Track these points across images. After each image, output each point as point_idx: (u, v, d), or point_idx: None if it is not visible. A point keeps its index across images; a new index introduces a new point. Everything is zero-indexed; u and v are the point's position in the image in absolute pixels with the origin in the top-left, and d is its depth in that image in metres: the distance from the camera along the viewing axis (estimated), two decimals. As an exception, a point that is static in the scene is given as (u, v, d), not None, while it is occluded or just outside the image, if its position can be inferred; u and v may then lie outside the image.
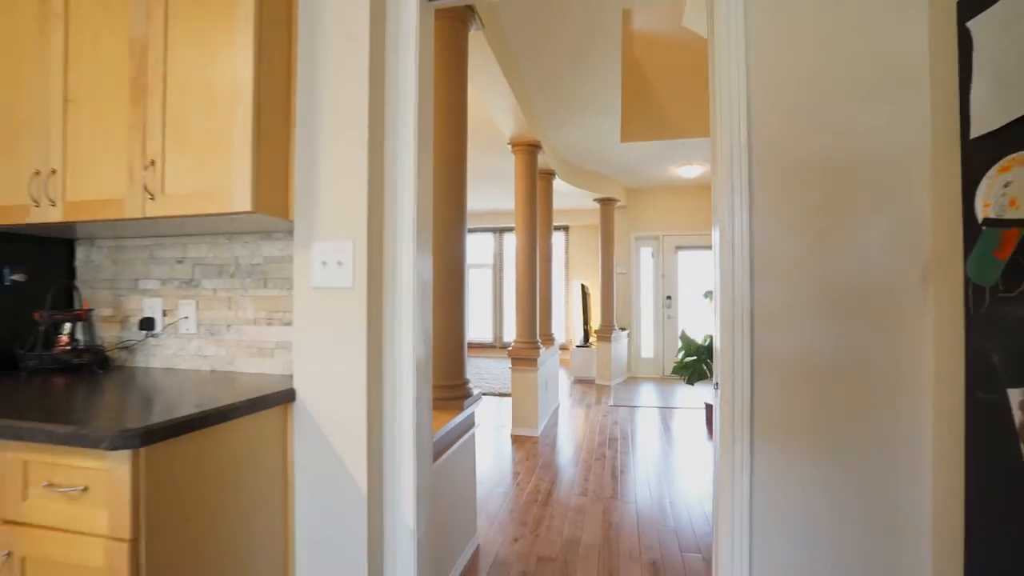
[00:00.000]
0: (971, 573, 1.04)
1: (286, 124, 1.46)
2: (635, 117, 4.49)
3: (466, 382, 2.34)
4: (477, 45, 2.82)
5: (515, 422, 4.44)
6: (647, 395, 6.25)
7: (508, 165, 5.05)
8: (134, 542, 1.01)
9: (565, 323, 9.94)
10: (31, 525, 1.07)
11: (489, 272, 10.61)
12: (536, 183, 4.67)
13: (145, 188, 1.39)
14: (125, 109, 1.42)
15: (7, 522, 1.08)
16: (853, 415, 1.25)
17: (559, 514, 2.82)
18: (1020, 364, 0.92)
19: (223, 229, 1.63)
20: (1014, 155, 0.95)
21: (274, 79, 1.41)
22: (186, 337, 1.77)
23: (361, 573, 1.37)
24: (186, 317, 1.76)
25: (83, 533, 1.03)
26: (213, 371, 1.71)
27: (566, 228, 10.02)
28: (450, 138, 2.43)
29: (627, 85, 4.01)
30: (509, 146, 4.59)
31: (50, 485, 1.06)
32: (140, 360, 1.82)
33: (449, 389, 2.22)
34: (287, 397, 1.43)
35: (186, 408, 1.15)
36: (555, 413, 5.30)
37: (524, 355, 4.37)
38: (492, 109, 3.83)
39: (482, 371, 8.25)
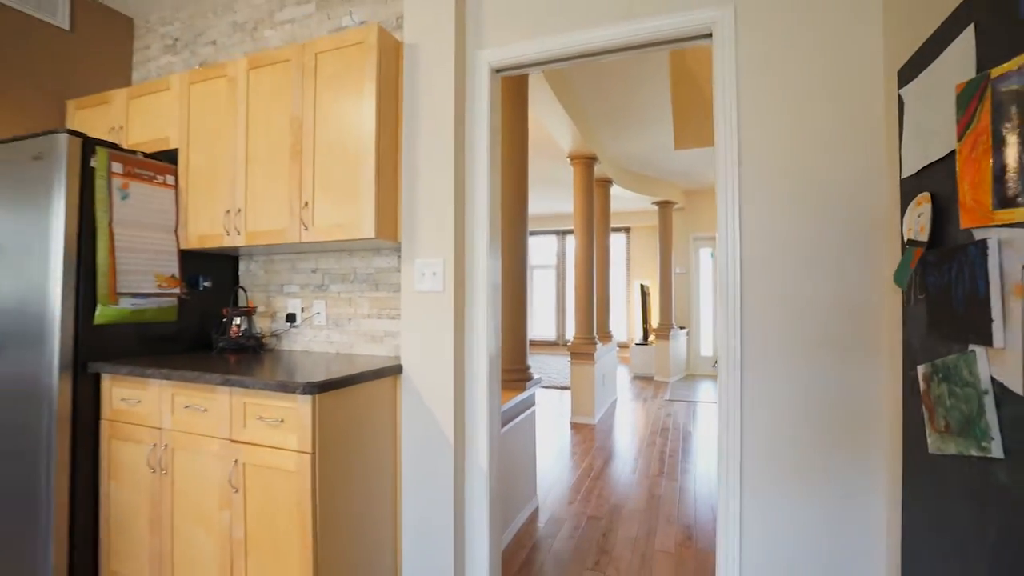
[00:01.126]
0: (906, 534, 1.37)
1: (395, 173, 2.01)
2: (688, 125, 4.76)
3: (527, 368, 2.82)
4: (537, 78, 3.30)
5: (574, 411, 4.87)
6: (704, 391, 6.46)
7: (571, 171, 5.47)
8: (313, 455, 1.58)
9: (626, 321, 10.20)
10: (248, 443, 1.67)
11: (553, 273, 11.06)
12: (593, 191, 5.07)
13: (302, 221, 1.99)
14: (287, 166, 2.03)
15: (235, 441, 1.69)
16: (823, 368, 1.59)
17: (608, 486, 3.24)
18: (924, 346, 1.27)
19: (346, 248, 2.22)
20: (924, 193, 1.29)
21: (387, 140, 1.96)
22: (318, 327, 2.38)
23: (448, 498, 1.90)
24: (318, 313, 2.37)
25: (281, 448, 1.62)
26: (338, 353, 2.30)
27: (627, 229, 10.26)
28: (514, 168, 2.93)
29: (678, 95, 4.30)
30: (568, 159, 5.02)
31: (260, 418, 1.65)
32: (285, 344, 2.46)
33: (514, 372, 2.72)
34: (397, 371, 1.98)
35: (325, 375, 1.72)
36: (613, 405, 5.67)
37: (582, 350, 4.80)
38: (551, 130, 4.29)
39: (546, 366, 8.73)
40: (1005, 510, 0.93)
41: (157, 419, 1.84)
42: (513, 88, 2.98)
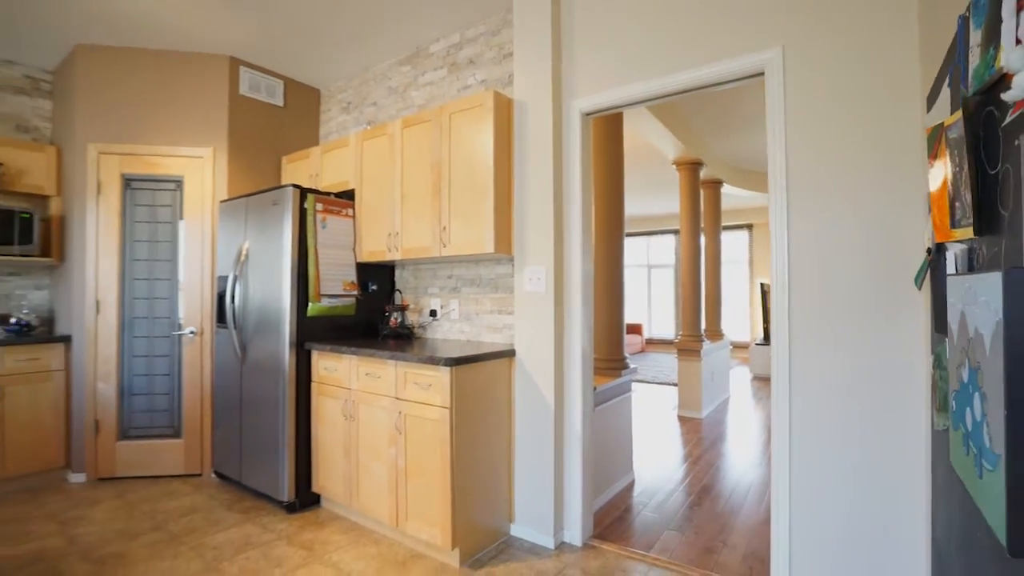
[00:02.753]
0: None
1: (508, 201, 2.60)
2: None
3: (623, 359, 3.25)
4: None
5: (680, 405, 5.12)
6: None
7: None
8: (450, 410, 2.22)
9: (750, 321, 9.85)
10: (407, 400, 2.37)
11: (671, 272, 11.03)
12: (699, 193, 5.25)
13: (441, 241, 2.67)
14: (430, 199, 2.73)
15: (398, 398, 2.40)
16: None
17: (702, 469, 3.52)
18: (932, 338, 1.51)
19: (473, 259, 2.86)
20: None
21: (502, 176, 2.55)
22: (453, 321, 3.07)
23: (549, 451, 2.43)
24: (453, 309, 3.06)
25: (429, 404, 2.28)
26: (468, 340, 2.96)
27: (749, 227, 9.91)
28: (610, 182, 3.37)
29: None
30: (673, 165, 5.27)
31: (415, 383, 2.34)
32: (429, 333, 3.19)
33: (609, 362, 3.17)
34: (511, 354, 2.57)
35: (459, 354, 2.34)
36: (725, 403, 5.76)
37: (688, 347, 5.02)
38: (653, 141, 4.60)
39: (661, 365, 8.86)
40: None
41: (347, 382, 2.65)
42: (609, 117, 3.42)
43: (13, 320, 3.27)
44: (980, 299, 0.86)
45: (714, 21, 2.13)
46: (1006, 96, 0.80)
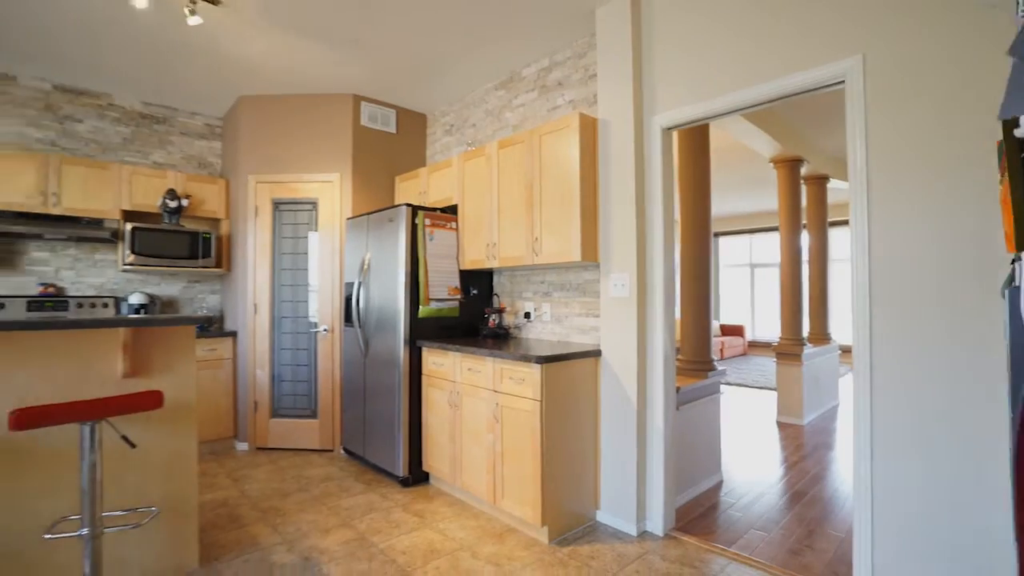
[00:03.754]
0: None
1: (594, 213, 2.82)
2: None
3: (710, 360, 3.31)
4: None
5: (779, 410, 4.95)
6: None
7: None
8: (541, 402, 2.50)
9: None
10: (503, 392, 2.69)
11: (776, 272, 10.42)
12: (799, 191, 5.03)
13: (533, 250, 2.96)
14: (523, 213, 3.03)
15: (496, 391, 2.73)
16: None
17: (795, 474, 3.46)
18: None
19: (563, 266, 3.11)
20: None
21: (588, 190, 2.78)
22: (545, 322, 3.35)
23: (632, 444, 2.62)
24: (545, 312, 3.34)
25: (522, 397, 2.58)
26: (559, 340, 3.22)
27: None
28: (696, 186, 3.44)
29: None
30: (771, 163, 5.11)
31: (510, 378, 2.65)
32: (523, 334, 3.50)
33: (695, 363, 3.25)
34: (597, 354, 2.79)
35: (549, 353, 2.61)
36: (833, 410, 5.45)
37: (788, 350, 4.85)
38: (747, 142, 4.53)
39: (764, 369, 8.45)
40: None
41: (452, 375, 3.03)
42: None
43: (196, 318, 4.10)
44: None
45: (790, 35, 2.19)
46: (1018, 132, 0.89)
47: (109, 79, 3.79)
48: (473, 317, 3.59)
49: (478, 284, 3.65)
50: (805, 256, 5.67)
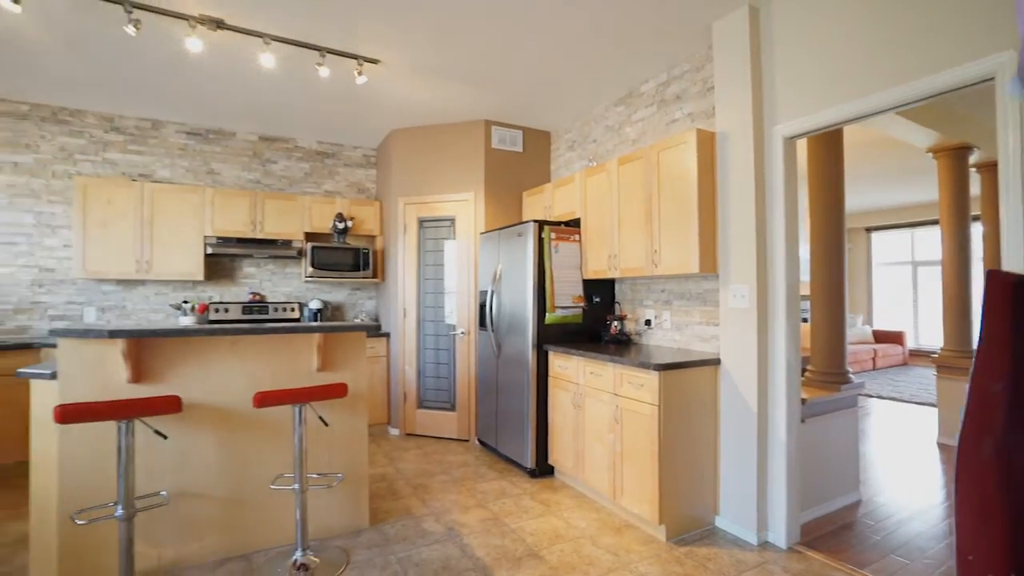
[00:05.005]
0: None
1: (712, 225, 2.88)
2: None
3: (844, 372, 3.15)
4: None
5: (941, 430, 4.41)
6: None
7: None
8: (658, 407, 2.65)
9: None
10: (623, 396, 2.88)
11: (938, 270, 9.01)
12: (966, 182, 4.42)
13: (653, 262, 3.10)
14: (642, 226, 3.18)
15: (616, 394, 2.93)
16: None
17: (951, 504, 3.12)
18: None
19: (683, 276, 3.20)
20: None
21: (706, 202, 2.85)
22: (665, 330, 3.45)
23: (752, 455, 2.64)
24: (665, 320, 3.44)
25: (640, 401, 2.75)
26: (679, 348, 3.31)
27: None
28: (828, 186, 3.28)
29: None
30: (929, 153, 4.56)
31: (629, 383, 2.84)
32: (644, 340, 3.64)
33: (827, 375, 3.12)
34: (716, 362, 2.85)
35: (667, 361, 2.73)
36: (1017, 436, 4.68)
37: (950, 363, 4.30)
38: (897, 135, 4.13)
39: (926, 382, 7.42)
40: None
41: (576, 378, 3.29)
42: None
43: (358, 320, 4.87)
44: None
45: (930, 31, 2.08)
46: None
47: (295, 127, 4.68)
48: (596, 323, 3.81)
49: (601, 292, 3.85)
50: (978, 254, 4.97)
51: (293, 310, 4.80)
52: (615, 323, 3.65)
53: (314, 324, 2.58)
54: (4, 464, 3.52)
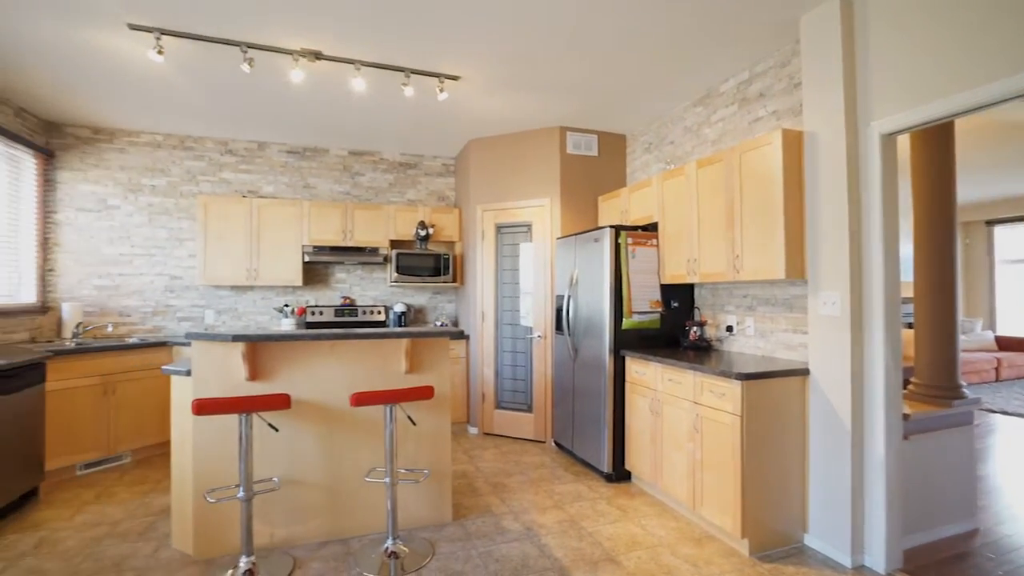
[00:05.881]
0: None
1: (800, 229, 2.75)
2: None
3: (958, 386, 2.87)
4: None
5: (1082, 453, 3.87)
6: None
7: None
8: (741, 417, 2.57)
9: None
10: (703, 405, 2.83)
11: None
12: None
13: (734, 267, 3.01)
14: (723, 230, 3.10)
15: (695, 403, 2.88)
16: None
17: (1101, 539, 2.75)
18: None
19: (767, 281, 3.08)
20: None
21: (792, 206, 2.73)
22: (748, 337, 3.33)
23: (845, 473, 2.50)
24: (748, 326, 3.32)
25: (721, 410, 2.69)
26: (763, 356, 3.18)
27: None
28: (937, 181, 3.00)
29: None
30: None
31: (710, 391, 2.78)
32: (726, 347, 3.53)
33: (935, 389, 2.86)
34: (804, 373, 2.72)
35: (750, 370, 2.64)
36: None
37: (1094, 378, 3.76)
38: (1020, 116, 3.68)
39: (1069, 397, 6.49)
40: None
41: (653, 384, 3.26)
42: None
43: (439, 323, 5.11)
44: None
45: (1061, 17, 1.87)
46: None
47: (381, 141, 5.00)
48: (674, 328, 3.75)
49: (679, 297, 3.78)
50: None
51: (379, 313, 5.13)
52: (695, 329, 3.57)
53: (403, 330, 2.77)
54: (151, 444, 4.08)
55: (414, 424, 2.86)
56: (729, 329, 3.46)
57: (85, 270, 4.47)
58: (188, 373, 2.59)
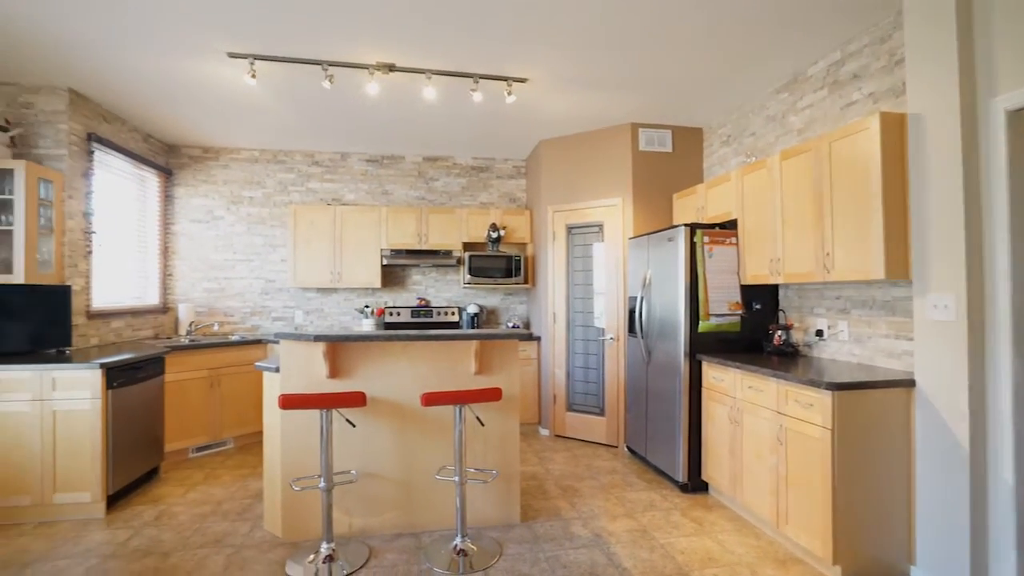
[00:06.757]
0: None
1: (903, 222, 2.46)
2: None
3: (1110, 404, 2.42)
4: None
5: None
6: None
7: None
8: (832, 431, 2.35)
9: None
10: (787, 415, 2.61)
11: None
12: None
13: (824, 267, 2.75)
14: (811, 227, 2.85)
15: (779, 412, 2.67)
16: None
17: None
18: None
19: (864, 282, 2.79)
20: None
21: (893, 198, 2.44)
22: (841, 342, 3.04)
23: (963, 500, 2.19)
24: (842, 331, 3.03)
25: (810, 423, 2.47)
26: (859, 364, 2.89)
27: None
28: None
29: None
30: None
31: (796, 401, 2.56)
32: (815, 353, 3.24)
33: (1081, 406, 2.44)
34: (909, 384, 2.43)
35: (843, 379, 2.40)
36: None
37: None
38: None
39: None
40: None
41: (732, 392, 3.07)
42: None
43: (510, 324, 5.16)
44: None
45: None
46: None
47: (453, 146, 5.13)
48: (756, 332, 3.51)
49: (761, 298, 3.53)
50: None
51: (453, 314, 5.26)
52: (779, 333, 3.32)
53: (472, 332, 2.82)
54: (250, 432, 4.48)
55: (482, 425, 2.90)
56: (819, 334, 3.18)
57: (196, 275, 5.00)
58: (277, 370, 2.81)
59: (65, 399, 3.00)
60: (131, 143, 4.39)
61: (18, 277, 3.25)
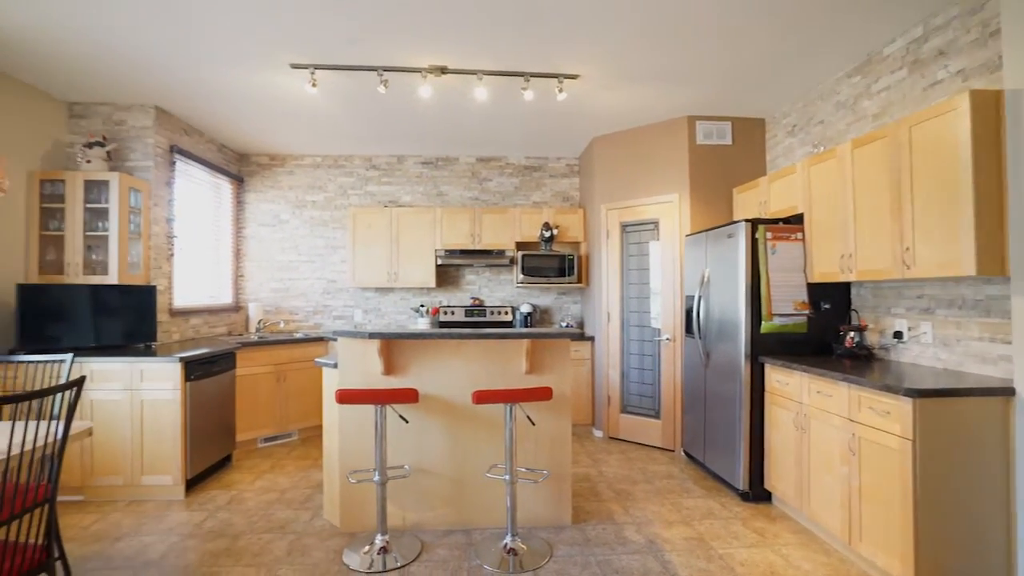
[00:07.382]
0: None
1: (999, 212, 2.21)
2: None
3: None
4: None
5: None
6: None
7: None
8: (912, 442, 2.15)
9: None
10: (861, 423, 2.42)
11: None
12: None
13: (903, 262, 2.53)
14: (887, 219, 2.62)
15: (851, 420, 2.48)
16: None
17: None
18: None
19: (952, 279, 2.53)
20: None
21: (986, 186, 2.20)
22: (924, 345, 2.78)
23: (1075, 524, 1.94)
24: (925, 332, 2.77)
25: (886, 432, 2.27)
26: (945, 369, 2.63)
27: None
28: None
29: None
30: None
31: (870, 408, 2.37)
32: (892, 356, 2.99)
33: None
34: (1007, 392, 2.18)
35: (927, 385, 2.18)
36: None
37: None
38: None
39: None
40: None
41: (798, 396, 2.89)
42: None
43: (564, 324, 5.11)
44: None
45: None
46: None
47: (506, 146, 5.15)
48: (824, 333, 3.28)
49: (831, 298, 3.30)
50: None
51: (506, 313, 5.28)
52: (851, 334, 3.08)
53: (523, 331, 2.81)
54: (312, 425, 4.71)
55: (533, 424, 2.88)
56: (898, 336, 2.92)
57: (264, 275, 5.31)
58: (335, 366, 2.92)
59: (151, 389, 3.27)
60: (208, 153, 4.72)
61: (112, 278, 3.58)
